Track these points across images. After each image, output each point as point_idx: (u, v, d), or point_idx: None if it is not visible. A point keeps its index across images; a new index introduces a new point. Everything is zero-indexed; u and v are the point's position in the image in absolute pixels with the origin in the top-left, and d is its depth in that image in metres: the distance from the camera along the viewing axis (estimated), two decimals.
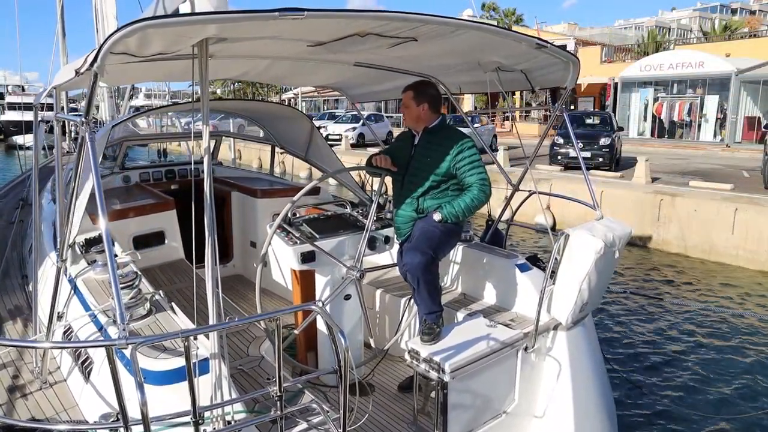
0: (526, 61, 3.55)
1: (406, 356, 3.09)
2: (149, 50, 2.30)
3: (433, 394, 2.98)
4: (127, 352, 2.34)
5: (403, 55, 3.53)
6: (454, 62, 3.82)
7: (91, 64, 1.94)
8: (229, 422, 2.26)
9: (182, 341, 1.91)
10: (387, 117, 30.40)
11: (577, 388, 3.40)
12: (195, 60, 2.34)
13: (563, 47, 3.52)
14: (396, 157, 3.68)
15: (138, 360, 2.40)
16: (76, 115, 2.62)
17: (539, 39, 3.10)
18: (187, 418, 1.99)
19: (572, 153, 16.34)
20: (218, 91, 67.85)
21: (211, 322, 2.30)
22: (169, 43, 2.28)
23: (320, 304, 2.27)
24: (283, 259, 3.55)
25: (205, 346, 2.45)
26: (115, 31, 1.87)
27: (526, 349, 3.29)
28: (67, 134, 9.76)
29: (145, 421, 1.80)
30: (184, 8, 2.28)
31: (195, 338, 2.41)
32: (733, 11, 58.00)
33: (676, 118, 26.63)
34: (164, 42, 2.24)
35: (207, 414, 2.20)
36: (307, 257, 3.47)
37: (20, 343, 3.24)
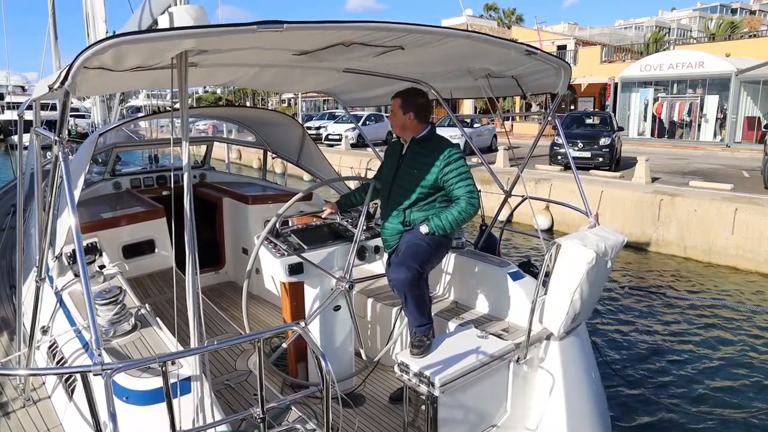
0: (517, 68, 3.49)
1: (396, 369, 3.04)
2: (126, 64, 2.25)
3: (423, 408, 2.93)
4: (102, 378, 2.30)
5: (391, 63, 3.48)
6: (443, 69, 3.77)
7: (62, 82, 1.88)
8: None
9: (159, 366, 1.86)
10: (387, 117, 30.31)
11: (570, 399, 3.35)
12: (175, 70, 2.29)
13: (563, 47, 3.47)
14: (384, 170, 3.62)
15: (118, 382, 2.35)
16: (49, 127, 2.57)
17: (528, 46, 3.04)
18: None
19: (572, 153, 16.29)
20: (218, 91, 67.87)
21: (192, 345, 2.25)
22: (146, 57, 2.24)
23: (303, 324, 2.22)
24: (271, 271, 3.50)
25: (189, 363, 2.40)
26: (86, 49, 1.82)
27: (517, 360, 3.24)
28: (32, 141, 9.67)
29: None
30: (163, 21, 2.22)
31: (173, 362, 2.36)
32: (733, 11, 57.84)
33: (676, 118, 26.56)
34: (141, 56, 2.19)
35: None
36: (295, 269, 3.42)
37: None
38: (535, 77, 3.62)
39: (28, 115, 3.92)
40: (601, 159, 16.35)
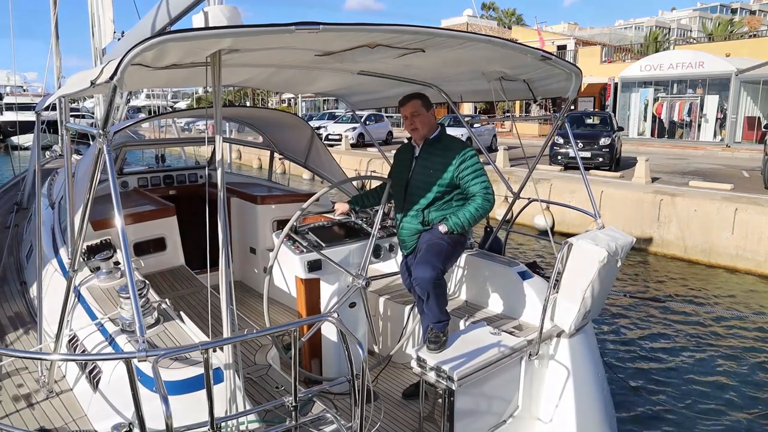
0: (529, 72, 3.58)
1: (413, 364, 3.13)
2: (164, 62, 2.33)
3: (440, 402, 3.01)
4: (143, 365, 2.37)
5: (408, 65, 3.55)
6: (458, 71, 3.85)
7: (111, 77, 1.96)
8: None
9: (201, 353, 1.94)
10: (387, 117, 30.44)
11: (579, 394, 3.44)
12: (207, 68, 2.37)
13: (563, 47, 3.53)
14: (397, 172, 3.71)
15: (147, 373, 2.42)
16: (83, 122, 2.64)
17: (544, 51, 3.13)
18: (205, 429, 2.03)
19: (572, 153, 16.38)
20: None
21: (225, 334, 2.33)
22: (184, 55, 2.32)
23: (336, 315, 2.31)
24: (288, 267, 3.58)
25: (217, 356, 2.48)
26: (136, 45, 1.90)
27: (530, 356, 3.33)
28: (59, 137, 9.74)
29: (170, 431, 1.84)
30: (198, 21, 2.30)
31: (214, 350, 2.44)
32: (733, 11, 57.98)
33: (676, 118, 26.67)
34: (180, 54, 2.27)
35: (221, 425, 2.23)
36: (314, 266, 3.50)
37: (37, 355, 3.24)
38: (547, 81, 3.70)
39: (22, 116, 3.96)
40: (601, 159, 16.45)
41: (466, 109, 35.35)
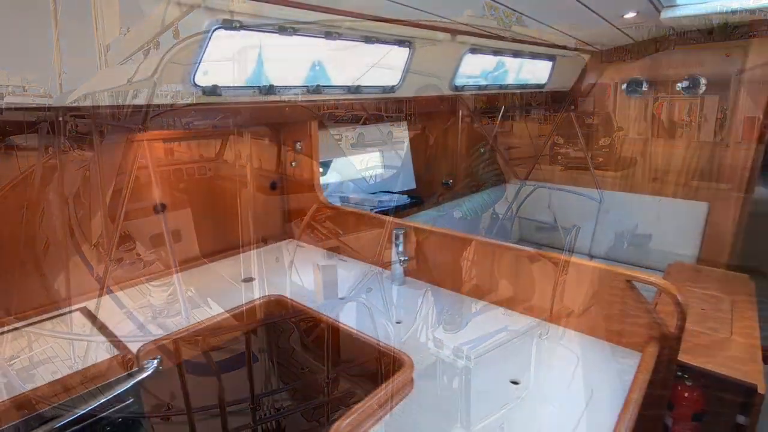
0: (537, 66, 3.70)
1: (430, 345, 3.24)
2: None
3: (456, 381, 3.13)
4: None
5: (416, 57, 3.67)
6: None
7: (152, 75, 2.09)
8: (278, 409, 2.41)
9: (243, 334, 2.06)
10: (387, 117, 30.56)
11: (589, 374, 3.55)
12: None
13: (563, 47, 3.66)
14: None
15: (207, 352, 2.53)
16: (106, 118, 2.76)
17: (550, 45, 3.26)
18: (245, 405, 2.15)
19: (572, 153, 16.47)
20: None
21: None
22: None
23: (364, 296, 2.43)
24: (305, 255, 3.70)
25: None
26: (175, 45, 2.02)
27: (540, 336, 3.46)
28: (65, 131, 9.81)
29: (222, 407, 1.96)
30: None
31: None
32: (733, 11, 58.01)
33: (676, 118, 26.77)
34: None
35: (260, 400, 2.35)
36: (333, 252, 3.61)
37: (89, 338, 3.35)
38: (553, 75, 3.83)
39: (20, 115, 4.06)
40: (600, 159, 16.52)
41: None
